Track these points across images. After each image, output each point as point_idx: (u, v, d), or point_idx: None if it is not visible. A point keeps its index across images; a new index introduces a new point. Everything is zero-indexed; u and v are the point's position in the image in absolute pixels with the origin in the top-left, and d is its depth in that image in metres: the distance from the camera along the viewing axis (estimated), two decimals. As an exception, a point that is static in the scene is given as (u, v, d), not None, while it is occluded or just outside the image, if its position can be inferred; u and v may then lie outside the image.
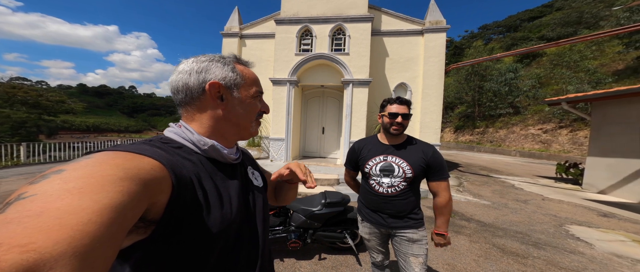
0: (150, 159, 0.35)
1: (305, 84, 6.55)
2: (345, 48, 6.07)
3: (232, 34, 7.25)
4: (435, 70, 6.28)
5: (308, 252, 2.29)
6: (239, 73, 0.50)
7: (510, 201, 4.44)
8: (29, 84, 22.67)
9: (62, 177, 0.26)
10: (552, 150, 12.34)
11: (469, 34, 44.60)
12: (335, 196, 2.17)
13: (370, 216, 1.29)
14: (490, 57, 9.73)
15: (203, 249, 0.40)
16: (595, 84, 12.53)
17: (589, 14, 23.22)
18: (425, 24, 6.36)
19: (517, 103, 16.24)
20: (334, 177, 4.75)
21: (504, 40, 30.67)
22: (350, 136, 6.02)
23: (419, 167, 1.19)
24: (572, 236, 2.91)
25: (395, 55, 6.61)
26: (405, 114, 1.17)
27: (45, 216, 0.22)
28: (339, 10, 6.10)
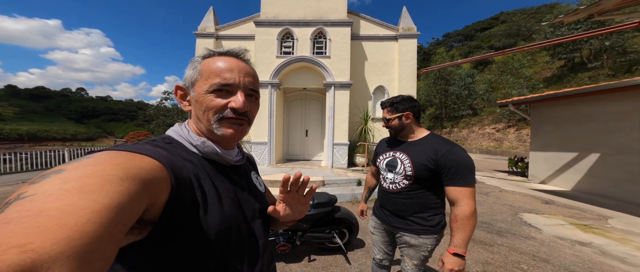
0: (151, 159, 0.35)
1: (287, 87, 6.48)
2: (327, 51, 6.16)
3: (206, 34, 6.84)
4: (408, 74, 6.71)
5: (297, 254, 2.28)
6: (198, 69, 0.47)
7: None
8: None
9: (62, 177, 0.26)
10: (504, 147, 14.16)
11: (435, 41, 48.79)
12: (323, 197, 2.18)
13: (377, 210, 1.32)
14: (452, 63, 10.87)
15: (202, 251, 0.40)
16: (531, 88, 14.75)
17: (524, 27, 27.46)
18: (399, 30, 6.77)
19: (475, 105, 18.28)
20: (319, 179, 4.77)
21: (462, 48, 34.38)
22: (333, 138, 6.11)
23: (423, 167, 1.07)
24: (526, 223, 3.25)
25: (373, 59, 6.91)
26: (387, 118, 1.19)
27: (44, 216, 0.21)
28: (319, 14, 6.19)
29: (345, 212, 2.30)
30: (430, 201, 1.12)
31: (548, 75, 17.98)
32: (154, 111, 22.39)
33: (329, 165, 6.11)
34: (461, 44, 39.59)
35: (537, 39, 18.10)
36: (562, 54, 16.54)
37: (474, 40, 36.25)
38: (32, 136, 42.27)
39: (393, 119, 1.17)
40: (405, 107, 1.16)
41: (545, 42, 7.01)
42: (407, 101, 1.17)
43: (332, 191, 4.33)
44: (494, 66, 21.87)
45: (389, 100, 1.20)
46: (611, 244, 2.66)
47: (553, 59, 17.59)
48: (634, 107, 4.35)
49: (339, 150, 6.12)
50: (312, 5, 6.22)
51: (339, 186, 4.75)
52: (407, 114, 1.16)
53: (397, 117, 1.16)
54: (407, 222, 1.15)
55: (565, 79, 16.11)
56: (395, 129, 1.19)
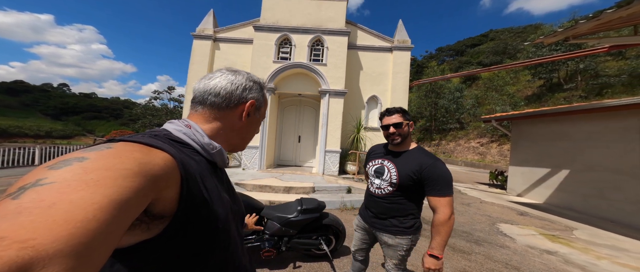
0: (165, 154, 0.35)
1: (282, 92, 6.52)
2: (323, 59, 6.29)
3: (205, 36, 6.83)
4: (401, 85, 6.90)
5: (282, 260, 2.24)
6: (265, 98, 0.59)
7: (457, 204, 5.03)
8: None
9: (84, 166, 0.26)
10: (487, 160, 14.76)
11: (428, 54, 50.70)
12: (311, 203, 2.16)
13: (363, 211, 1.43)
14: (443, 77, 11.36)
15: (211, 245, 0.42)
16: (513, 105, 15.58)
17: (511, 46, 29.13)
18: (394, 42, 6.99)
19: (462, 119, 19.01)
20: (309, 185, 4.79)
21: (453, 62, 35.86)
22: (326, 145, 6.17)
23: (407, 177, 1.18)
24: (501, 233, 3.42)
25: (368, 69, 7.08)
26: (396, 123, 1.20)
27: (56, 209, 0.21)
28: (318, 22, 6.34)
29: (333, 219, 2.29)
30: (409, 207, 1.23)
31: (529, 93, 19.09)
32: (141, 110, 21.70)
33: (320, 172, 6.15)
34: (452, 59, 41.30)
35: (520, 58, 19.30)
36: (542, 74, 17.66)
37: (464, 56, 37.97)
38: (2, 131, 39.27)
39: (403, 124, 1.21)
40: (408, 116, 1.25)
41: (527, 61, 7.52)
42: (408, 112, 1.28)
43: (321, 197, 4.34)
44: (480, 82, 22.95)
45: (399, 108, 1.26)
46: (574, 253, 2.87)
47: (534, 78, 18.74)
48: (603, 127, 4.71)
49: (330, 157, 6.19)
50: (312, 13, 6.37)
51: (329, 193, 4.78)
52: (411, 123, 1.26)
53: (407, 123, 1.23)
54: (385, 224, 1.26)
55: (543, 98, 17.17)
56: (403, 136, 1.22)
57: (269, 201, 3.97)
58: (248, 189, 4.50)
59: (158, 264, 0.37)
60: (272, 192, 4.52)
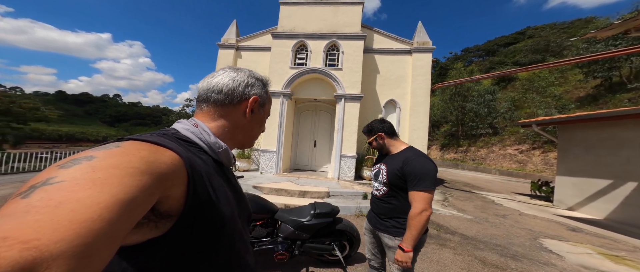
0: (171, 153, 0.36)
1: (298, 97, 6.64)
2: (339, 63, 6.29)
3: (228, 45, 7.31)
4: (422, 88, 6.61)
5: (295, 265, 2.22)
6: (268, 95, 0.59)
7: (490, 215, 4.63)
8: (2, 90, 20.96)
9: (92, 165, 0.26)
10: (528, 169, 13.14)
11: (453, 55, 47.39)
12: (324, 207, 2.14)
13: (369, 214, 1.48)
14: (470, 79, 10.50)
15: (217, 244, 0.42)
16: (560, 109, 13.73)
17: (554, 43, 25.99)
18: (414, 44, 6.77)
19: (496, 124, 17.30)
20: (324, 190, 4.72)
21: (483, 63, 33.18)
22: (341, 150, 6.08)
23: (393, 175, 1.25)
24: (545, 249, 3.08)
25: (385, 72, 6.91)
26: (368, 142, 1.44)
27: (62, 208, 0.22)
28: (333, 27, 6.40)
29: (347, 224, 2.24)
30: (406, 207, 1.22)
31: (581, 94, 16.72)
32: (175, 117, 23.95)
33: (336, 177, 6.05)
34: (482, 59, 38.28)
35: (568, 56, 17.07)
36: (597, 72, 15.23)
37: (496, 56, 34.99)
38: (70, 136, 46.58)
39: (371, 141, 1.40)
40: (377, 129, 1.38)
41: (577, 58, 6.52)
42: (378, 123, 1.40)
43: (336, 202, 4.27)
44: (517, 83, 20.83)
45: (366, 127, 1.43)
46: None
47: (587, 77, 16.32)
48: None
49: (346, 162, 6.07)
50: (328, 19, 6.46)
51: (344, 198, 4.67)
52: (380, 135, 1.37)
53: (374, 138, 1.38)
54: (386, 224, 1.30)
55: (601, 99, 14.87)
56: (378, 148, 1.42)
57: (284, 204, 4.01)
58: (265, 192, 4.59)
59: (165, 262, 0.37)
60: (288, 195, 4.55)
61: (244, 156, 6.48)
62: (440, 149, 20.50)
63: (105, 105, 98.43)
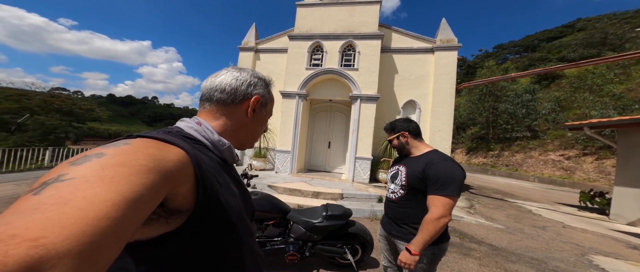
0: (179, 150, 0.36)
1: (314, 98, 6.67)
2: (355, 64, 6.19)
3: (248, 48, 7.62)
4: (445, 88, 6.21)
5: (306, 266, 2.21)
6: (271, 95, 0.59)
7: (526, 226, 4.21)
8: (67, 94, 24.72)
9: (102, 162, 0.27)
10: (576, 178, 11.49)
11: (482, 53, 43.77)
12: (336, 209, 2.11)
13: (383, 218, 1.41)
14: (505, 77, 9.48)
15: (225, 240, 0.42)
16: (621, 110, 11.79)
17: (614, 35, 22.38)
18: (436, 42, 6.40)
19: (536, 126, 15.47)
20: (338, 191, 4.66)
21: (520, 60, 30.03)
22: (356, 152, 5.95)
23: (414, 178, 1.17)
24: (597, 267, 2.72)
25: (404, 72, 6.64)
26: (389, 140, 1.36)
27: (71, 206, 0.22)
28: (350, 27, 6.32)
29: (360, 227, 2.18)
30: (423, 213, 1.14)
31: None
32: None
33: (350, 178, 5.94)
34: (519, 56, 34.64)
35: (632, 49, 14.60)
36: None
37: (537, 52, 31.42)
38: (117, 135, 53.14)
39: (392, 139, 1.33)
40: (401, 127, 1.30)
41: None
42: (403, 122, 1.32)
43: (350, 205, 4.20)
44: (564, 81, 18.44)
45: (388, 124, 1.37)
46: None
47: (657, 73, 13.79)
48: None
49: (361, 164, 5.92)
50: (344, 19, 6.39)
51: (358, 201, 4.57)
52: (403, 133, 1.29)
53: (396, 136, 1.31)
54: (402, 231, 1.22)
55: (673, 99, 12.43)
56: (397, 148, 1.34)
57: (297, 204, 4.05)
58: (279, 191, 4.68)
59: (176, 257, 0.38)
60: (301, 196, 4.58)
61: (260, 156, 6.68)
62: (466, 152, 18.97)
63: (145, 107, 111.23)
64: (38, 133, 13.04)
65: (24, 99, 14.45)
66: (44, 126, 13.38)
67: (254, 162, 6.48)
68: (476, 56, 42.50)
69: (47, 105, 14.61)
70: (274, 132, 6.86)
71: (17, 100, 14.10)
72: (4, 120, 13.01)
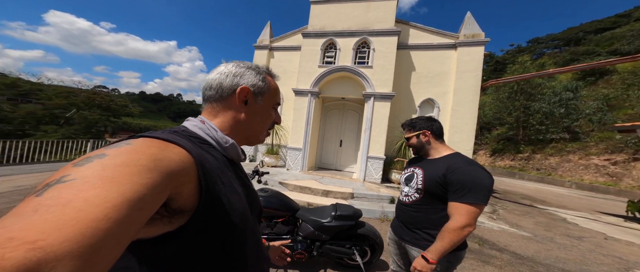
0: (181, 150, 0.36)
1: (326, 96, 6.64)
2: (369, 61, 6.02)
3: (263, 46, 7.75)
4: (469, 86, 5.81)
5: (313, 265, 2.21)
6: (267, 83, 0.55)
7: (558, 235, 3.87)
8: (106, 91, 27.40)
9: (103, 163, 0.27)
10: (624, 185, 10.15)
11: (514, 48, 39.97)
12: (346, 209, 2.08)
13: (393, 222, 1.35)
14: (541, 73, 8.52)
15: (227, 239, 0.42)
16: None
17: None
18: (460, 37, 6.01)
19: (576, 128, 13.88)
20: (348, 191, 4.62)
21: (560, 55, 26.99)
22: (368, 151, 5.83)
23: (433, 182, 1.09)
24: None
25: (422, 69, 6.33)
26: (407, 138, 1.26)
27: (70, 207, 0.22)
28: (365, 24, 6.14)
29: (370, 229, 2.13)
30: (439, 218, 1.08)
31: None
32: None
33: (361, 178, 5.84)
34: (558, 51, 31.12)
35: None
36: None
37: (582, 45, 27.97)
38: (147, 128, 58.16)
39: (411, 137, 1.24)
40: (423, 125, 1.21)
41: None
42: (426, 120, 1.23)
43: (360, 205, 4.15)
44: (615, 77, 16.28)
45: (408, 121, 1.28)
46: None
47: None
48: None
49: (373, 164, 5.80)
50: (359, 15, 6.23)
51: (369, 201, 4.50)
52: (425, 132, 1.21)
53: (415, 135, 1.23)
54: (415, 236, 1.15)
55: None
56: (415, 147, 1.25)
57: (307, 202, 4.08)
58: (289, 188, 4.75)
59: (177, 257, 0.37)
60: (311, 194, 4.61)
61: (272, 152, 6.83)
62: (490, 154, 17.60)
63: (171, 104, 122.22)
64: (82, 126, 14.70)
65: (72, 96, 16.35)
66: (87, 120, 15.04)
67: (266, 158, 6.64)
68: (506, 51, 39.07)
69: (90, 102, 16.40)
70: (285, 130, 6.96)
71: (65, 97, 16.00)
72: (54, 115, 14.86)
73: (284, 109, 7.21)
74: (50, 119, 14.88)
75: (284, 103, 7.22)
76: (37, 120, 14.41)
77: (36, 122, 14.31)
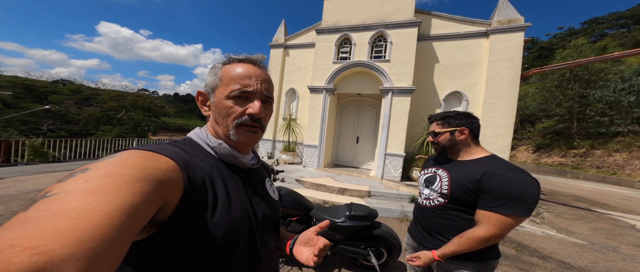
0: (168, 159, 0.36)
1: (341, 92, 6.51)
2: (386, 55, 5.74)
3: (278, 44, 7.81)
4: (504, 76, 5.20)
5: (327, 264, 2.20)
6: (218, 75, 0.50)
7: (624, 244, 3.33)
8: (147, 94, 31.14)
9: (86, 176, 0.28)
10: None
11: (564, 31, 34.45)
12: (361, 209, 2.03)
13: (411, 227, 1.26)
14: (603, 57, 7.04)
15: (208, 252, 0.40)
16: None
17: None
18: (492, 24, 5.40)
19: (652, 119, 11.45)
20: (365, 189, 4.49)
21: (628, 35, 22.51)
22: (386, 148, 5.59)
23: (462, 188, 0.97)
24: None
25: (447, 61, 5.82)
26: (434, 132, 1.11)
27: (61, 217, 0.22)
28: (381, 16, 5.85)
29: (387, 230, 2.07)
30: (468, 226, 0.98)
31: None
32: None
33: (379, 176, 5.64)
34: (626, 30, 26.06)
35: None
36: None
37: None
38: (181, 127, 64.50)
39: (443, 133, 1.08)
40: (460, 122, 1.06)
41: None
42: (465, 117, 1.08)
43: (378, 204, 4.03)
44: None
45: (441, 114, 1.13)
46: None
47: None
48: None
49: (391, 161, 5.54)
50: (374, 8, 5.94)
51: (387, 200, 4.34)
52: (462, 130, 1.05)
53: (449, 131, 1.07)
54: (437, 243, 1.04)
55: None
56: (443, 146, 1.10)
57: (322, 200, 4.09)
58: (306, 186, 4.80)
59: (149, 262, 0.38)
60: (327, 191, 4.60)
61: (289, 150, 6.94)
62: (534, 150, 15.47)
63: None
64: (130, 126, 16.93)
65: (121, 99, 18.93)
66: (134, 120, 17.31)
67: (283, 156, 6.78)
68: (554, 36, 33.98)
69: (135, 104, 18.82)
70: (301, 127, 7.01)
71: (116, 100, 18.59)
72: (109, 116, 17.39)
73: (300, 106, 7.27)
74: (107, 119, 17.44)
75: (299, 100, 7.29)
76: (96, 120, 17.03)
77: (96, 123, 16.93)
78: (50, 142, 6.45)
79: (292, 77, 7.51)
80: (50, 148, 6.36)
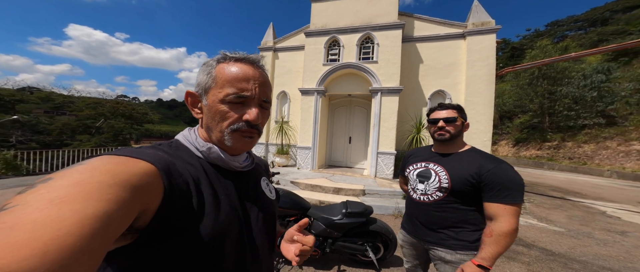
0: (145, 164, 0.34)
1: (332, 94, 6.62)
2: (374, 56, 5.95)
3: (267, 48, 7.81)
4: (482, 75, 5.56)
5: (327, 262, 2.24)
6: (212, 75, 0.45)
7: (596, 230, 3.59)
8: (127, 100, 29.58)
9: (48, 186, 0.26)
10: (674, 174, 9.02)
11: (532, 32, 37.74)
12: (356, 206, 2.10)
13: (405, 223, 1.27)
14: (564, 57, 7.84)
15: (191, 257, 0.38)
16: None
17: None
18: (468, 26, 5.79)
19: (612, 112, 12.68)
20: (359, 187, 4.56)
21: (585, 36, 24.96)
22: (378, 146, 5.74)
23: (462, 181, 1.01)
24: None
25: (431, 61, 6.14)
26: (447, 118, 1.08)
27: (17, 230, 0.21)
28: (367, 19, 6.08)
29: (382, 225, 2.14)
30: (469, 216, 1.03)
31: None
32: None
33: (372, 174, 5.75)
34: (583, 32, 28.90)
35: None
36: None
37: (609, 25, 25.74)
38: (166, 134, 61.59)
39: (455, 118, 1.07)
40: (465, 115, 1.12)
41: None
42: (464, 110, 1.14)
43: (373, 201, 4.11)
44: (652, 56, 14.58)
45: (454, 104, 1.15)
46: None
47: None
48: None
49: (384, 159, 5.69)
50: (361, 10, 6.17)
51: (381, 197, 4.44)
52: (467, 124, 1.12)
53: (461, 122, 1.09)
54: (440, 237, 1.07)
55: None
56: (452, 135, 1.09)
57: (318, 200, 4.11)
58: (301, 187, 4.79)
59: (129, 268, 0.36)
60: (322, 192, 4.62)
61: (283, 152, 6.91)
62: (513, 144, 16.50)
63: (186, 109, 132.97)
64: (110, 135, 15.91)
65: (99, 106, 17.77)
66: (114, 128, 16.28)
67: (277, 159, 6.74)
68: (523, 37, 37.06)
69: (115, 111, 17.74)
70: (294, 129, 7.03)
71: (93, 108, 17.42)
72: (86, 125, 16.23)
73: (292, 108, 7.30)
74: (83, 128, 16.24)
75: (291, 103, 7.31)
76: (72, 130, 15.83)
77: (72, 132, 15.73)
78: (23, 154, 6.09)
79: (283, 80, 7.53)
80: (24, 160, 6.00)
